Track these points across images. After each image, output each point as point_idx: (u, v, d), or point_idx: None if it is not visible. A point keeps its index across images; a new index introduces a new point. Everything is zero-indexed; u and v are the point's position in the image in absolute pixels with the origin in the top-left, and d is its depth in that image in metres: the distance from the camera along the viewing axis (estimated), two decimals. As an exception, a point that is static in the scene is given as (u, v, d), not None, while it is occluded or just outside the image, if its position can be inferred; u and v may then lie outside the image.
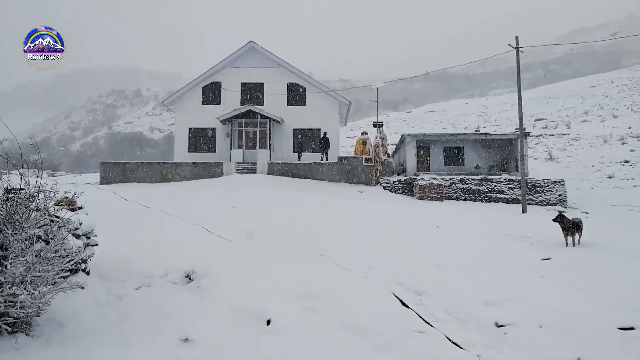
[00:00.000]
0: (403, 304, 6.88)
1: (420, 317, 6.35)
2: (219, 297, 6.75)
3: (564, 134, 45.70)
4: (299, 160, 29.86)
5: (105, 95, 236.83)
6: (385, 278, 8.05)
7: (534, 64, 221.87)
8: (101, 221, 11.14)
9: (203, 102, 32.44)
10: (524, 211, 21.10)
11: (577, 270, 8.41)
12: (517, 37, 22.96)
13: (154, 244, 10.10)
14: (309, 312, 6.36)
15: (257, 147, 30.89)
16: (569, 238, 11.75)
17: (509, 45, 22.76)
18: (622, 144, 38.82)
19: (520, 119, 23.19)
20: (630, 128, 42.82)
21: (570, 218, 11.93)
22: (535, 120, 61.43)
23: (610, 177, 32.17)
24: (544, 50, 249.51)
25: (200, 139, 32.19)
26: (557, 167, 36.78)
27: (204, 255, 8.91)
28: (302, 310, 6.38)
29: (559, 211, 12.31)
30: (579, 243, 11.73)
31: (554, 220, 11.99)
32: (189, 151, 31.81)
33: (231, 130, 30.81)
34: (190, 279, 7.65)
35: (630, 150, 36.59)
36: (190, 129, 32.11)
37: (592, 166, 35.33)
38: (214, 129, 31.97)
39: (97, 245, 7.40)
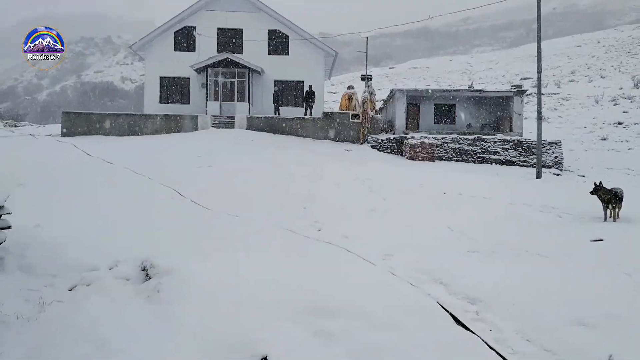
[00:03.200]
0: (457, 321, 4.89)
1: (492, 349, 4.31)
2: (187, 316, 4.65)
3: (554, 94, 44.32)
4: (276, 114, 27.58)
5: (74, 42, 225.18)
6: (414, 273, 6.18)
7: (515, 22, 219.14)
8: (49, 182, 9.08)
9: (175, 49, 29.57)
10: (538, 176, 19.38)
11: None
12: (537, -21, 20.69)
13: (108, 214, 8.05)
14: (324, 342, 4.33)
15: (235, 100, 28.45)
16: (609, 211, 10.18)
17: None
18: (614, 104, 37.58)
19: (539, 71, 21.11)
20: (621, 89, 41.54)
21: (609, 188, 10.30)
22: (521, 79, 59.86)
23: (604, 139, 30.96)
24: (526, 9, 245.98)
25: (173, 89, 29.52)
26: (549, 128, 35.38)
27: (171, 235, 6.96)
28: (313, 339, 4.37)
29: (595, 182, 10.63)
30: (618, 217, 10.16)
31: (592, 192, 10.36)
32: (160, 102, 29.18)
33: (206, 81, 28.22)
34: (147, 275, 5.67)
35: (623, 112, 35.37)
36: (161, 77, 29.35)
37: (585, 127, 34.07)
38: (187, 79, 29.30)
39: (9, 227, 5.33)
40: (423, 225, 9.31)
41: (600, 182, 10.42)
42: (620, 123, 33.52)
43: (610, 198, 10.01)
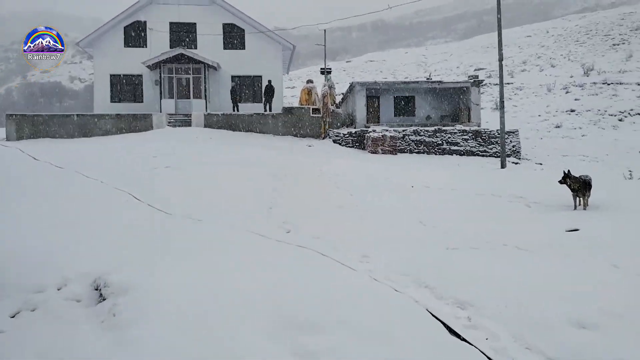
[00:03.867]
0: (450, 330, 4.47)
1: (492, 362, 4.00)
2: (149, 341, 4.05)
3: (508, 83, 45.08)
4: (235, 111, 26.85)
5: (18, 42, 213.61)
6: (396, 275, 5.76)
7: (467, 14, 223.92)
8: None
9: (126, 45, 28.30)
10: (502, 166, 19.46)
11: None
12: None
13: (57, 224, 7.33)
14: (307, 362, 3.91)
15: (192, 97, 27.52)
16: (579, 199, 10.17)
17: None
18: (566, 92, 38.61)
19: (500, 60, 21.24)
20: (572, 77, 42.74)
21: (577, 176, 10.29)
22: (475, 69, 60.90)
23: (558, 127, 31.74)
24: (476, 1, 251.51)
25: (125, 88, 28.27)
26: (505, 117, 36.07)
27: (127, 245, 6.33)
28: None
29: (564, 170, 10.61)
30: (588, 205, 10.15)
31: (561, 181, 10.32)
32: (111, 101, 27.89)
33: (160, 78, 27.17)
34: (101, 295, 5.02)
35: (575, 100, 36.37)
36: (112, 75, 28.04)
37: (539, 115, 34.84)
38: (140, 76, 28.10)
39: None
40: (394, 220, 8.98)
41: (569, 171, 10.42)
42: (572, 110, 34.45)
43: (579, 186, 10.01)
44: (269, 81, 27.39)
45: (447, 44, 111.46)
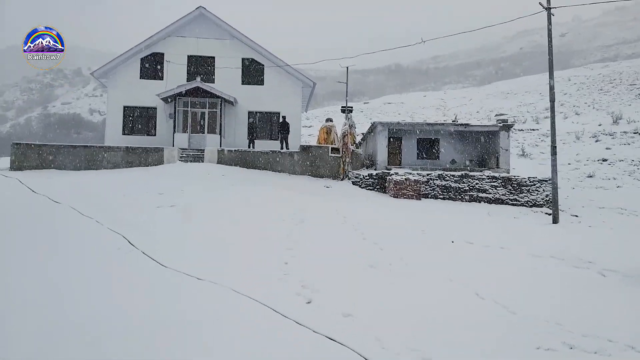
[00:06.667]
0: None
1: None
2: None
3: (534, 129, 43.70)
4: (251, 148, 25.58)
5: (42, 73, 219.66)
6: None
7: (484, 61, 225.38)
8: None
9: (142, 77, 27.43)
10: (554, 221, 17.40)
11: None
12: (549, -6, 19.46)
13: (26, 280, 5.78)
14: None
15: (206, 132, 26.34)
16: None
17: (540, 4, 19.22)
18: (596, 141, 36.97)
19: (552, 100, 19.70)
20: (600, 125, 41.14)
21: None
22: (496, 115, 59.80)
23: (591, 177, 29.95)
24: (494, 48, 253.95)
25: (138, 120, 27.24)
26: (532, 164, 34.43)
27: (91, 327, 4.73)
28: None
29: None
30: (680, 278, 8.38)
31: None
32: (123, 133, 26.82)
33: (175, 111, 26.10)
34: None
35: (606, 149, 34.66)
36: (125, 107, 27.06)
37: (569, 164, 33.11)
38: (154, 108, 27.09)
39: None
40: (443, 290, 7.23)
41: None
42: (604, 160, 32.69)
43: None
44: (283, 117, 26.21)
45: (465, 89, 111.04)
